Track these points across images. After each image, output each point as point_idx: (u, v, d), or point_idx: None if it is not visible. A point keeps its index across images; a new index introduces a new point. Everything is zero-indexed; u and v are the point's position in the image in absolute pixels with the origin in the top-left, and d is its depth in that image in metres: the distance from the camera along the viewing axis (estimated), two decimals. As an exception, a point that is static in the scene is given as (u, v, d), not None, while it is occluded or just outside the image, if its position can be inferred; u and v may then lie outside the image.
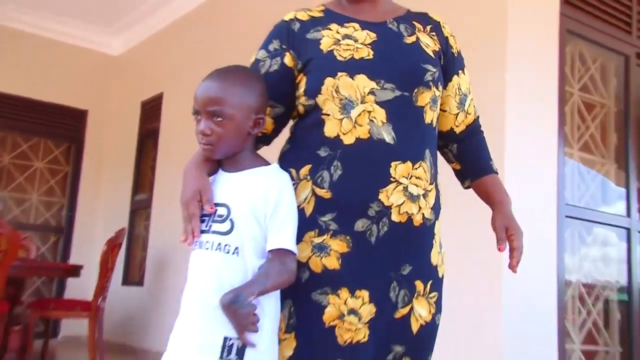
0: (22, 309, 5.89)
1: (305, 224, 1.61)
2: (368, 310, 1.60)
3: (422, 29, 1.77)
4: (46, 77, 7.44)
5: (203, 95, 1.58)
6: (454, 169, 1.94)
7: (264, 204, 1.54)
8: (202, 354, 1.49)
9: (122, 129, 7.59)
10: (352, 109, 1.60)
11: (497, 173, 1.91)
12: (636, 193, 4.41)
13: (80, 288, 6.64)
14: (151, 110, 7.10)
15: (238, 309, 1.44)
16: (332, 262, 1.60)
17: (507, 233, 1.73)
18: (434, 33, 1.79)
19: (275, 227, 1.53)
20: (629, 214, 4.32)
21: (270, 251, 1.53)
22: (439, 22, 1.84)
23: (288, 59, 1.73)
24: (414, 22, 1.78)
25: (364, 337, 1.58)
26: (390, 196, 1.60)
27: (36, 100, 7.41)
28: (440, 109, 1.80)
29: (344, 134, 1.61)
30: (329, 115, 1.62)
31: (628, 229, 4.29)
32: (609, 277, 4.27)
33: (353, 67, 1.63)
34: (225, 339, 1.48)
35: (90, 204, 7.73)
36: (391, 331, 1.63)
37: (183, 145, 6.21)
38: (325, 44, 1.67)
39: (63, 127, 7.67)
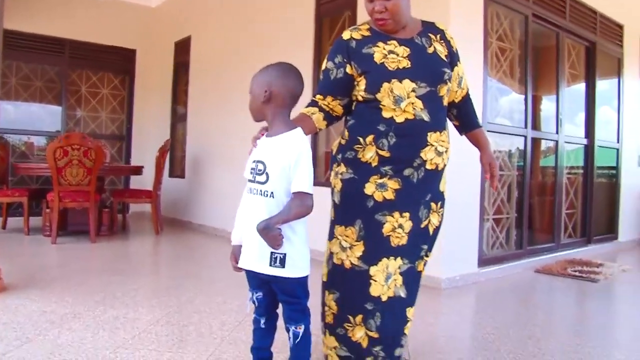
0: (106, 196, 6.21)
1: (372, 171, 1.77)
2: (409, 225, 1.78)
3: (435, 39, 1.86)
4: (106, 27, 7.34)
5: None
6: (454, 125, 2.06)
7: (288, 160, 1.58)
8: (259, 263, 1.61)
9: (161, 63, 7.52)
10: (402, 102, 1.73)
11: (481, 127, 2.07)
12: (532, 109, 4.59)
13: (139, 180, 6.89)
14: (182, 48, 7.05)
15: (268, 232, 1.53)
16: (389, 195, 1.76)
17: (489, 166, 1.95)
18: (442, 40, 1.88)
19: (296, 176, 1.57)
20: (525, 126, 4.64)
21: (293, 193, 1.58)
22: (443, 30, 1.92)
23: (349, 69, 1.82)
24: (429, 34, 1.86)
25: (405, 241, 1.78)
26: (427, 154, 1.76)
27: (100, 44, 7.35)
28: None
29: (396, 116, 1.74)
30: (385, 105, 1.75)
31: (525, 137, 4.63)
32: (512, 168, 4.58)
33: (400, 74, 1.74)
34: (272, 253, 1.58)
35: (142, 118, 7.75)
36: (421, 235, 1.83)
37: (206, 74, 6.46)
38: (378, 58, 1.77)
39: (119, 62, 7.60)
